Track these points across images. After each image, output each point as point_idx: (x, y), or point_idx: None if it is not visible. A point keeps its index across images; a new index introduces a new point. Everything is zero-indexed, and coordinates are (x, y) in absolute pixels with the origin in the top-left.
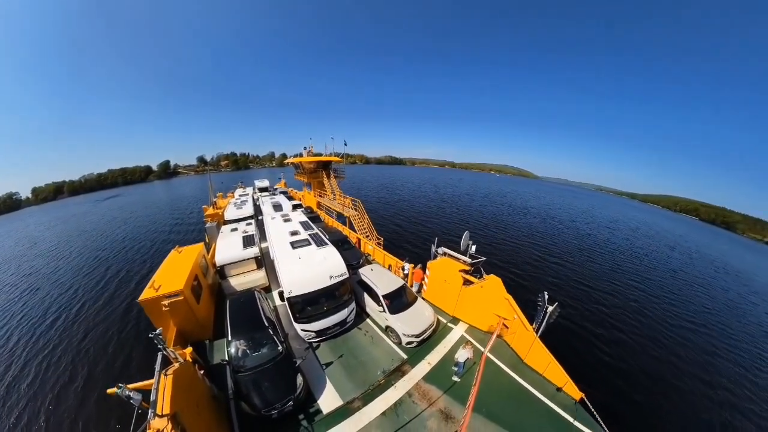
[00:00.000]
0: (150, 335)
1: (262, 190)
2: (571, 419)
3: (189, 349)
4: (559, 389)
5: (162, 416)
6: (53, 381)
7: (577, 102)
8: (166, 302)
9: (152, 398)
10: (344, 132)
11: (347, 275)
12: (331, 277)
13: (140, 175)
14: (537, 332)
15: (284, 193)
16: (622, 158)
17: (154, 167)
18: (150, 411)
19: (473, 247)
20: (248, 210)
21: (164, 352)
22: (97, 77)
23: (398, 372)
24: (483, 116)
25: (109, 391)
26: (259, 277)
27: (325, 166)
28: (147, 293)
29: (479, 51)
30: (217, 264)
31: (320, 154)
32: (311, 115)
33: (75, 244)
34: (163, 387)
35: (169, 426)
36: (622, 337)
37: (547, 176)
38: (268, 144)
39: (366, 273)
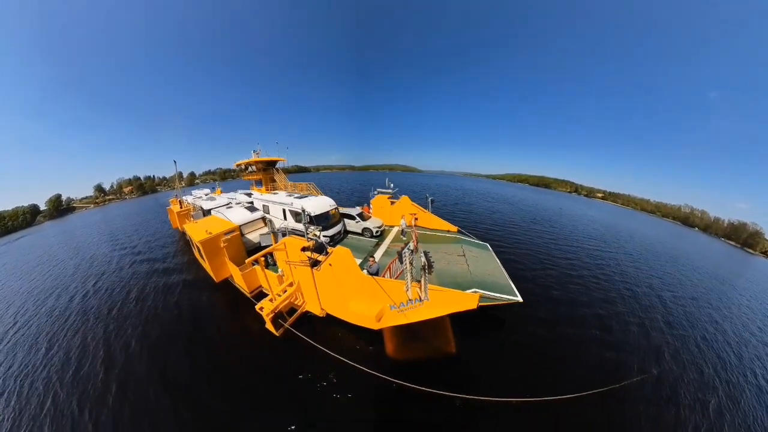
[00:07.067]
0: (278, 229)
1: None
2: (459, 236)
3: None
4: (448, 231)
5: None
6: None
7: (439, 113)
8: (227, 237)
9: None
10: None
11: (336, 206)
12: (330, 205)
13: (25, 219)
14: (430, 212)
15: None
16: (485, 147)
17: (42, 206)
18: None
19: (391, 185)
20: (222, 201)
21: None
22: None
23: (377, 245)
24: (378, 124)
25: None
26: (267, 231)
27: (273, 164)
28: (203, 236)
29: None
30: (237, 224)
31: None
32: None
33: None
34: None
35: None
36: (473, 210)
37: (428, 169)
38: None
39: (342, 209)
